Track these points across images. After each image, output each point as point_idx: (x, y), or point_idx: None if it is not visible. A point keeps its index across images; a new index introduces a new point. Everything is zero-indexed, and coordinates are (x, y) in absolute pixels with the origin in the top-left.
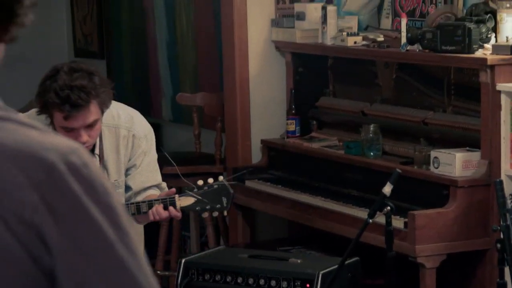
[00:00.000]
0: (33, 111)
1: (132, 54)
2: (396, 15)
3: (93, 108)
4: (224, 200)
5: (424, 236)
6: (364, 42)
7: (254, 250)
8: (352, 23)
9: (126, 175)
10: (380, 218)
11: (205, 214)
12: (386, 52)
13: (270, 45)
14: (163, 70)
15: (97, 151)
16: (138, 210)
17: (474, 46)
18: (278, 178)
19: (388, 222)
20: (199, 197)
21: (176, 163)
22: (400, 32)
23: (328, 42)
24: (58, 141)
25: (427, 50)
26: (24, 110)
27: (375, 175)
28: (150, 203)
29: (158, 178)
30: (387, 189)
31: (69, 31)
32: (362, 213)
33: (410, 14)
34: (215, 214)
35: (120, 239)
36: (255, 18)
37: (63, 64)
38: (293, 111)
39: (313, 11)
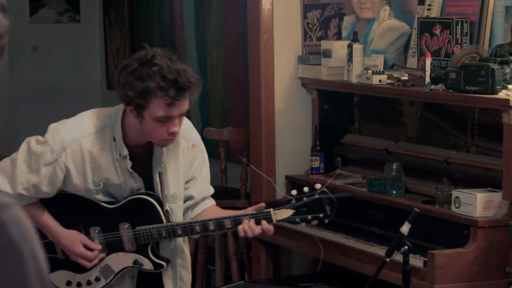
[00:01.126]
0: (101, 110)
1: None
2: (421, 54)
3: (190, 95)
4: (328, 208)
5: (443, 276)
6: (389, 81)
7: (275, 286)
8: (378, 61)
9: (185, 188)
10: (399, 257)
11: (302, 224)
12: (410, 91)
13: (296, 81)
14: (193, 105)
15: (162, 158)
16: (220, 227)
17: (497, 87)
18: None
19: (406, 261)
20: (298, 208)
21: None
22: (424, 71)
23: (354, 80)
24: None
25: (450, 90)
26: None
27: (397, 213)
28: (237, 219)
29: (212, 190)
30: (405, 228)
31: (102, 63)
32: (383, 251)
33: (436, 53)
34: (315, 223)
35: None
36: (282, 54)
37: (149, 50)
38: (318, 148)
39: (340, 48)
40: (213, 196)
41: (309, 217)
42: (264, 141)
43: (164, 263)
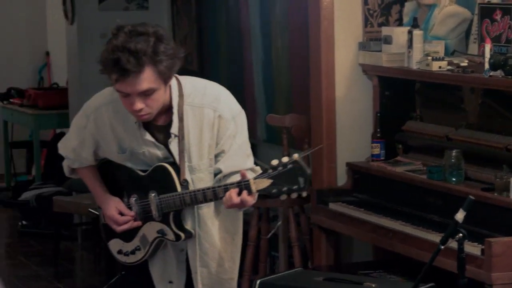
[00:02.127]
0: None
1: (229, 74)
2: (482, 40)
3: (147, 75)
4: (301, 180)
5: (501, 264)
6: (449, 67)
7: (333, 273)
8: (439, 47)
9: (216, 161)
10: (455, 244)
11: (283, 197)
12: (469, 78)
13: (357, 68)
14: (258, 91)
15: (174, 130)
16: (215, 195)
17: None
18: (362, 201)
19: (461, 249)
20: (275, 179)
21: None
22: (484, 57)
23: (414, 66)
24: None
25: (510, 76)
26: None
27: (456, 200)
28: (226, 188)
29: (249, 163)
30: (460, 215)
31: None
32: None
33: (496, 39)
34: (294, 196)
35: None
36: (343, 41)
37: (130, 24)
38: (379, 135)
39: (400, 34)
40: None
41: (284, 189)
42: (325, 128)
43: (182, 234)
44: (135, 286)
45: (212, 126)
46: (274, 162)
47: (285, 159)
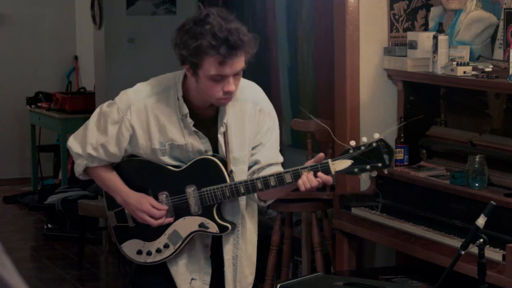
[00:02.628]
0: (155, 80)
1: (255, 79)
2: (508, 45)
3: (245, 55)
4: (386, 157)
5: None
6: (474, 72)
7: (354, 278)
8: (464, 52)
9: (252, 154)
10: (476, 249)
11: (362, 177)
12: (493, 83)
13: (382, 72)
14: (284, 96)
15: (224, 119)
16: (281, 181)
17: None
18: (385, 206)
19: (481, 255)
20: (357, 159)
21: None
22: (509, 62)
23: (439, 71)
24: None
25: None
26: None
27: (479, 206)
28: (296, 172)
29: (281, 158)
30: (481, 221)
31: None
32: None
33: None
34: (374, 174)
35: None
36: (368, 46)
37: (203, 10)
38: (402, 140)
39: (426, 39)
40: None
41: (368, 166)
42: (349, 133)
43: (229, 225)
44: (153, 285)
45: (254, 119)
46: (352, 143)
47: (364, 139)
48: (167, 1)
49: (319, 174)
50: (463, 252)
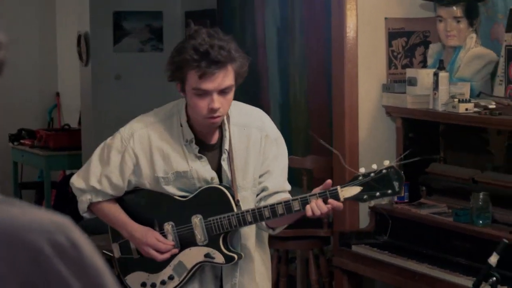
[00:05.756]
0: (157, 112)
1: None
2: (509, 82)
3: (230, 72)
4: (396, 184)
5: None
6: (476, 109)
7: None
8: (464, 89)
9: (260, 182)
10: None
11: (371, 204)
12: (498, 120)
13: (380, 109)
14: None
15: (226, 146)
16: (288, 209)
17: None
18: (385, 243)
19: None
20: (366, 185)
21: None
22: None
23: (439, 108)
24: (42, 218)
25: None
26: None
27: (483, 243)
28: (305, 199)
29: (288, 186)
30: (493, 259)
31: None
32: (469, 282)
33: None
34: (384, 201)
35: None
36: (366, 83)
37: (198, 27)
38: None
39: (425, 76)
40: (294, 224)
41: (377, 193)
42: (348, 170)
43: (235, 256)
44: None
45: (259, 145)
46: (362, 170)
47: (374, 166)
48: (153, 38)
49: (330, 200)
50: None
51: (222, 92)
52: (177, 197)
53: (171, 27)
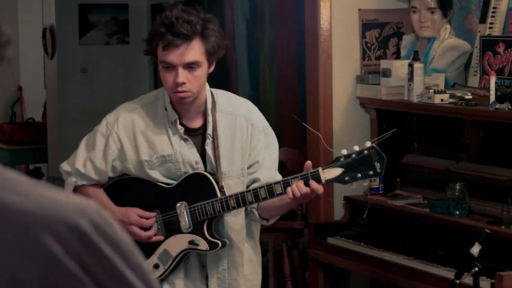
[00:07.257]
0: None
1: None
2: (484, 73)
3: (196, 46)
4: (377, 165)
5: None
6: (451, 100)
7: None
8: (439, 80)
9: (249, 172)
10: (468, 279)
11: (353, 185)
12: (474, 110)
13: (354, 101)
14: None
15: (209, 130)
16: (271, 192)
17: None
18: (361, 235)
19: (476, 283)
20: (347, 167)
21: None
22: (488, 90)
23: (414, 99)
24: (72, 200)
25: None
26: None
27: (460, 234)
28: (286, 182)
29: (279, 176)
30: (475, 249)
31: (151, 84)
32: (447, 273)
33: (499, 72)
34: (366, 183)
35: None
36: (340, 74)
37: (174, 3)
38: None
39: (399, 68)
40: None
41: (359, 175)
42: (322, 162)
43: (219, 242)
44: None
45: (245, 133)
46: (344, 151)
47: (356, 148)
48: (119, 31)
49: (311, 182)
50: (457, 282)
51: (188, 67)
52: (162, 185)
53: (137, 20)
